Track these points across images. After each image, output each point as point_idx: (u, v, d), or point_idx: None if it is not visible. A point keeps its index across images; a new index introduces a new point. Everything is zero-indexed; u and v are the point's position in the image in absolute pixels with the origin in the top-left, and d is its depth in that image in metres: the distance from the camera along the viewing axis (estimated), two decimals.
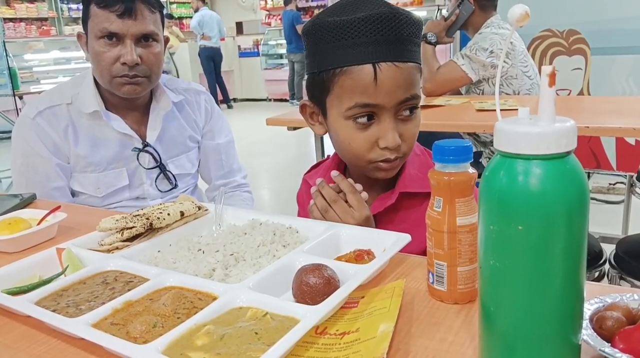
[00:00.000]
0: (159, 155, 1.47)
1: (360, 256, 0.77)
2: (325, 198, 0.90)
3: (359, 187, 0.91)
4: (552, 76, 0.44)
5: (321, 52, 0.88)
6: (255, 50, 10.66)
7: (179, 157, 1.53)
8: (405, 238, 0.77)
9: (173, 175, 1.50)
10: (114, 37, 1.31)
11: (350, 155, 0.92)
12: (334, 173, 0.91)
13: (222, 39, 9.37)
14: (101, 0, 1.29)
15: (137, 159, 1.44)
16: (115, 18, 1.29)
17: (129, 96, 1.37)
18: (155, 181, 1.48)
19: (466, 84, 2.46)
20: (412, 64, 0.87)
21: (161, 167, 1.48)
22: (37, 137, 1.37)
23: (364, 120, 0.87)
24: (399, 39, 0.85)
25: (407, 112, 0.89)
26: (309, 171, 1.11)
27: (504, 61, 2.25)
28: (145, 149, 1.45)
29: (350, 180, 0.91)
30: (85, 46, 1.37)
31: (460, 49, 2.52)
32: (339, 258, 0.76)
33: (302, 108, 0.98)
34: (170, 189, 1.50)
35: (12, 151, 1.43)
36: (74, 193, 1.44)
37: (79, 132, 1.40)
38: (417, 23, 0.87)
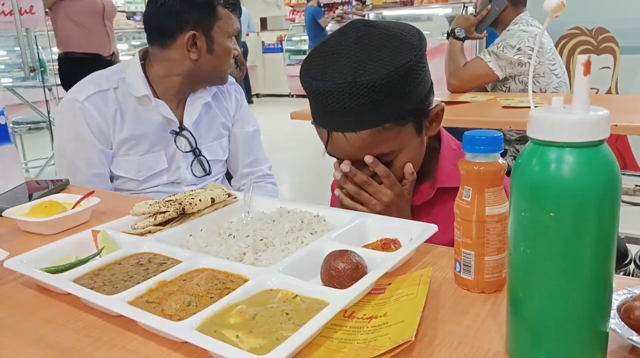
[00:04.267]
0: (194, 139, 1.51)
1: (387, 245, 0.78)
2: (356, 183, 0.92)
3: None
4: (587, 65, 0.44)
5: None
6: (279, 46, 10.69)
7: (213, 144, 1.58)
8: (431, 228, 0.78)
9: (207, 161, 1.55)
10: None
11: None
12: (368, 158, 0.90)
13: (247, 35, 9.46)
14: (230, 3, 1.43)
15: (175, 141, 1.48)
16: (236, 18, 1.47)
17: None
18: (191, 165, 1.52)
19: (492, 81, 2.44)
20: (367, 131, 0.87)
21: (195, 152, 1.52)
22: (84, 122, 1.40)
23: None
24: (346, 112, 0.86)
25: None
26: None
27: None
28: (182, 132, 1.49)
29: (381, 165, 0.91)
30: (194, 47, 1.41)
31: (487, 46, 2.50)
32: (365, 247, 0.77)
33: None
34: (204, 176, 1.55)
35: (55, 133, 1.47)
36: (112, 178, 1.47)
37: (125, 115, 1.43)
38: (372, 91, 0.83)
